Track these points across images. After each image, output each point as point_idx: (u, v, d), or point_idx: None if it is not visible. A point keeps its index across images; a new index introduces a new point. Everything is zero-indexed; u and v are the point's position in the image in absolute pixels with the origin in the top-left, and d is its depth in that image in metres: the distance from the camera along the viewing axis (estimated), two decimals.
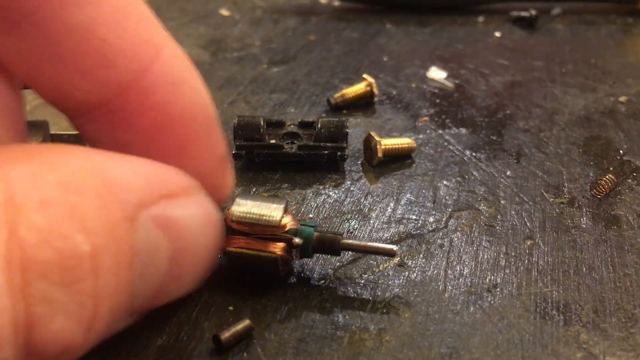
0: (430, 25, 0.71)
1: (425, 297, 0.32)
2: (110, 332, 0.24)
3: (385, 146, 0.43)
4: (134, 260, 0.22)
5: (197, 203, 0.26)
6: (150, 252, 0.23)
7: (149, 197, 0.23)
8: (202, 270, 0.27)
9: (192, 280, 0.27)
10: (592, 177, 0.43)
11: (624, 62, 0.62)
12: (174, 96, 0.28)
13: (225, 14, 0.74)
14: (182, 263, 0.25)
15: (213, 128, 0.30)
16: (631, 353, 0.29)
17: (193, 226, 0.25)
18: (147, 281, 0.23)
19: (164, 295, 0.26)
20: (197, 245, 0.26)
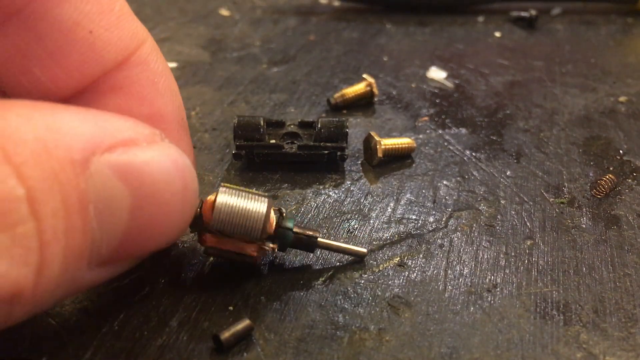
0: (430, 25, 0.71)
1: (425, 297, 0.32)
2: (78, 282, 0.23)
3: (385, 146, 0.43)
4: (87, 205, 0.21)
5: (161, 150, 0.25)
6: (107, 199, 0.22)
7: (101, 143, 0.22)
8: (175, 220, 0.26)
9: (165, 230, 0.26)
10: (592, 177, 0.43)
11: (624, 62, 0.62)
12: (152, 88, 0.28)
13: (225, 14, 0.74)
14: (148, 212, 0.24)
15: (183, 132, 0.30)
16: (631, 353, 0.29)
17: (156, 174, 0.24)
18: (109, 229, 0.23)
19: (134, 245, 0.25)
20: (163, 193, 0.25)
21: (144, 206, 0.24)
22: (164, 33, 0.67)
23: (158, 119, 0.28)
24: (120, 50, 0.27)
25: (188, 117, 0.50)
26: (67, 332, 0.30)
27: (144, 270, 0.34)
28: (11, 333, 0.29)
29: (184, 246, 0.36)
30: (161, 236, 0.26)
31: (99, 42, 0.26)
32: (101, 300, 0.32)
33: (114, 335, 0.30)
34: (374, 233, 0.37)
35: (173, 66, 0.59)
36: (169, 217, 0.26)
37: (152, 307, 0.31)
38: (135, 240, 0.25)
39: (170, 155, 0.25)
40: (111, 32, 0.26)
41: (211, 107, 0.52)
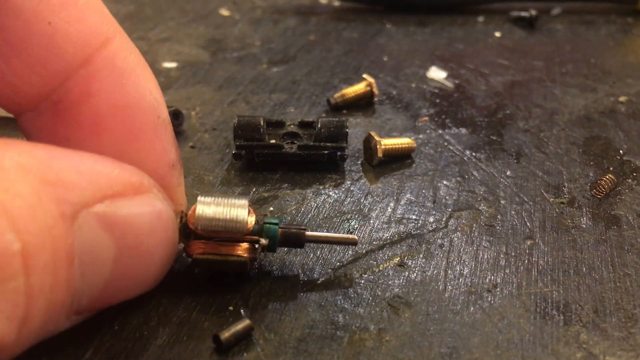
0: (430, 25, 0.71)
1: (425, 297, 0.32)
2: (54, 330, 0.23)
3: (385, 146, 0.43)
4: (73, 259, 0.21)
5: (146, 201, 0.25)
6: (92, 251, 0.22)
7: (92, 196, 0.22)
8: (155, 270, 0.26)
9: (145, 280, 0.26)
10: (592, 177, 0.43)
11: (624, 62, 0.62)
12: (120, 88, 0.27)
13: (225, 14, 0.74)
14: (130, 263, 0.24)
15: (161, 130, 0.29)
16: (631, 353, 0.29)
17: (140, 225, 0.24)
18: (91, 280, 0.23)
19: (113, 294, 0.25)
20: (146, 244, 0.25)
21: (126, 257, 0.24)
22: (164, 33, 0.67)
23: (131, 125, 0.28)
24: (82, 46, 0.26)
25: (188, 117, 0.50)
26: (67, 332, 0.30)
27: None
28: None
29: None
30: (140, 285, 0.26)
31: (59, 35, 0.25)
32: None
33: (114, 335, 0.30)
34: (374, 233, 0.37)
35: (173, 66, 0.59)
36: (150, 267, 0.26)
37: (152, 307, 0.31)
38: (115, 290, 0.25)
39: (155, 206, 0.25)
40: (71, 26, 0.25)
41: (211, 107, 0.52)
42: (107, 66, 0.27)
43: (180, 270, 0.34)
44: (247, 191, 0.41)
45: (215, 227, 0.29)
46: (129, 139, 0.28)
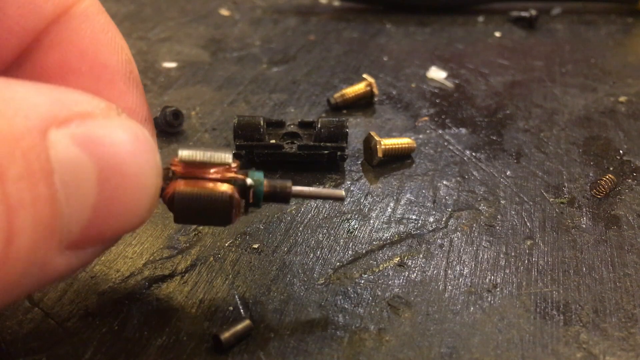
0: (430, 25, 0.71)
1: (425, 297, 0.32)
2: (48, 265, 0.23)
3: (385, 146, 0.43)
4: (53, 175, 0.21)
5: (119, 123, 0.24)
6: (72, 170, 0.22)
7: (58, 114, 0.22)
8: (143, 195, 0.25)
9: (135, 206, 0.25)
10: (592, 177, 0.43)
11: (624, 62, 0.62)
12: (92, 37, 0.27)
13: (225, 14, 0.74)
14: (115, 185, 0.23)
15: (133, 85, 0.29)
16: (631, 353, 0.29)
17: (118, 145, 0.23)
18: (78, 203, 0.22)
19: (104, 222, 0.24)
20: (128, 164, 0.24)
21: (110, 178, 0.23)
22: (164, 33, 0.67)
23: (101, 71, 0.27)
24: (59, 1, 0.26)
25: (188, 117, 0.50)
26: (67, 332, 0.30)
27: (143, 271, 0.34)
28: (11, 332, 0.30)
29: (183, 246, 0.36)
30: (130, 213, 0.25)
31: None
32: (101, 300, 0.32)
33: (114, 335, 0.30)
34: (374, 233, 0.37)
35: (173, 66, 0.59)
36: (137, 191, 0.25)
37: (152, 307, 0.31)
38: (105, 218, 0.24)
39: (130, 127, 0.24)
40: None
41: (211, 107, 0.52)
42: (79, 17, 0.27)
43: (179, 269, 0.34)
44: None
45: (198, 158, 0.27)
46: (98, 88, 0.28)
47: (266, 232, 0.37)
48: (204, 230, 0.37)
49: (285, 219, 0.38)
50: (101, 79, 0.28)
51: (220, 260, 0.35)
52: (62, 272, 0.24)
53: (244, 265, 0.34)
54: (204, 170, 0.27)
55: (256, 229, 0.37)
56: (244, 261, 0.35)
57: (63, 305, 0.31)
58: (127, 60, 0.29)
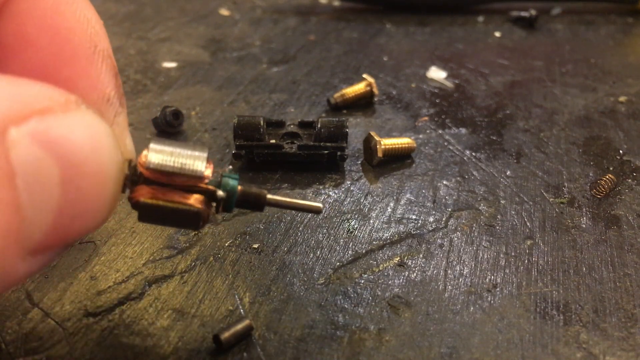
0: (430, 25, 0.71)
1: (425, 297, 0.32)
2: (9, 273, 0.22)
3: (385, 146, 0.43)
4: (13, 178, 0.20)
5: (79, 117, 0.23)
6: (35, 172, 0.21)
7: (17, 112, 0.21)
8: (107, 193, 0.24)
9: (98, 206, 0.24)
10: (592, 177, 0.43)
11: (624, 62, 0.62)
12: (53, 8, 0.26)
13: (225, 13, 0.74)
14: (78, 184, 0.22)
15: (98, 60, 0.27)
16: (631, 353, 0.29)
17: (80, 142, 0.22)
18: (40, 207, 0.21)
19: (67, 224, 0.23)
20: (90, 163, 0.23)
21: (73, 178, 0.22)
22: (164, 33, 0.67)
23: (62, 45, 0.26)
24: None
25: (188, 117, 0.50)
26: (67, 332, 0.30)
27: (143, 271, 0.34)
28: (11, 332, 0.30)
29: (182, 246, 0.36)
30: (93, 214, 0.24)
31: None
32: (101, 300, 0.32)
33: (114, 335, 0.30)
34: (374, 233, 0.37)
35: (173, 66, 0.59)
36: (100, 190, 0.23)
37: (153, 307, 0.31)
38: (67, 220, 0.23)
39: (90, 122, 0.23)
40: None
41: (211, 107, 0.52)
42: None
43: (179, 269, 0.34)
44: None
45: (168, 168, 0.25)
46: (58, 63, 0.26)
47: (266, 232, 0.37)
48: (204, 230, 0.37)
49: (285, 218, 0.38)
50: (62, 54, 0.26)
51: (220, 260, 0.35)
52: (22, 278, 0.23)
53: (244, 265, 0.34)
54: (172, 178, 0.26)
55: (256, 229, 0.37)
56: (244, 261, 0.35)
57: (63, 305, 0.31)
58: (93, 33, 0.27)
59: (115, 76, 0.28)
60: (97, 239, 0.36)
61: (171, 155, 0.25)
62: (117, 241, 0.36)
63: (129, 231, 0.37)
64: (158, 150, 0.25)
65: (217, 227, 0.37)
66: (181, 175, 0.25)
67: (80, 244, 0.35)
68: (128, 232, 0.36)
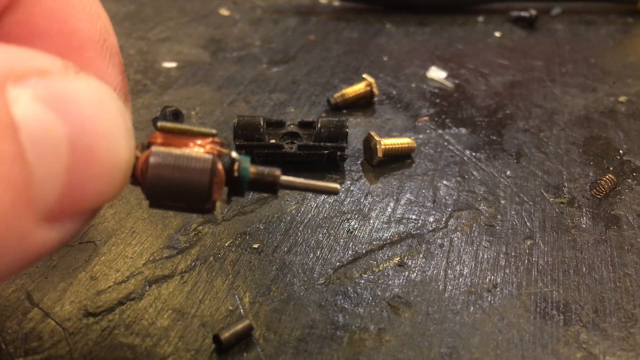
0: (430, 25, 0.71)
1: (425, 297, 0.32)
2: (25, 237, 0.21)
3: (385, 146, 0.43)
4: (16, 132, 0.20)
5: (80, 77, 0.22)
6: (41, 129, 0.20)
7: (14, 68, 0.20)
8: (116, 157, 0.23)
9: (110, 169, 0.23)
10: (592, 177, 0.43)
11: (624, 62, 0.62)
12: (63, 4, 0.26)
13: (225, 13, 0.74)
14: (87, 144, 0.22)
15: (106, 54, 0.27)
16: (631, 353, 0.29)
17: (85, 100, 0.22)
18: (50, 166, 0.21)
19: (81, 188, 0.22)
20: (99, 121, 0.22)
21: (81, 136, 0.21)
22: (164, 33, 0.67)
23: (70, 36, 0.26)
24: None
25: (188, 117, 0.50)
26: (67, 332, 0.30)
27: (143, 271, 0.34)
28: (11, 332, 0.30)
29: (182, 247, 0.36)
30: (105, 179, 0.23)
31: None
32: (101, 300, 0.32)
33: (114, 335, 0.30)
34: (374, 233, 0.37)
35: (173, 66, 0.59)
36: (110, 153, 0.22)
37: (153, 307, 0.31)
38: (80, 184, 0.22)
39: (91, 84, 0.22)
40: None
41: (211, 107, 0.52)
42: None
43: (179, 269, 0.34)
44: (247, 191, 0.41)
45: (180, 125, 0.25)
46: (66, 52, 0.26)
47: (266, 232, 0.37)
48: (204, 230, 0.37)
49: (285, 218, 0.38)
50: (69, 45, 0.26)
51: (220, 260, 0.35)
52: (42, 249, 0.22)
53: (244, 265, 0.34)
54: (185, 141, 0.24)
55: (256, 229, 0.37)
56: (244, 261, 0.35)
57: (63, 305, 0.31)
58: (102, 28, 0.27)
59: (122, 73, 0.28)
60: (97, 239, 0.36)
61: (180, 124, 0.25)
62: (117, 241, 0.36)
63: (129, 231, 0.37)
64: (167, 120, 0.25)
65: (217, 227, 0.37)
66: (193, 134, 0.24)
67: (80, 244, 0.35)
68: (128, 232, 0.36)
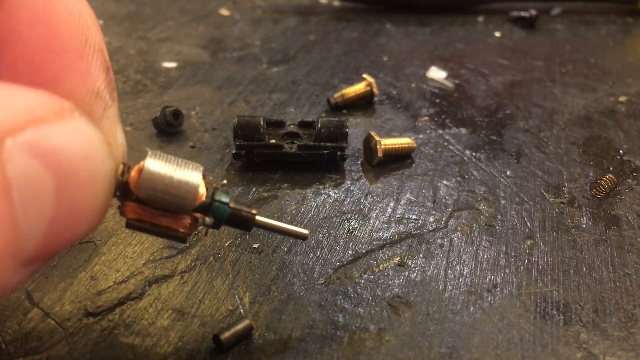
0: (430, 25, 0.71)
1: (425, 297, 0.32)
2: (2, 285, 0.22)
3: (385, 146, 0.43)
4: (10, 192, 0.20)
5: (73, 125, 0.23)
6: (30, 184, 0.21)
7: (13, 122, 0.21)
8: (99, 202, 0.24)
9: (89, 215, 0.24)
10: (592, 177, 0.43)
11: (624, 62, 0.62)
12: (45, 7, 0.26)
13: (225, 13, 0.74)
14: (71, 195, 0.22)
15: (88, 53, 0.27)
16: (631, 353, 0.29)
17: (74, 151, 0.22)
18: (35, 219, 0.21)
19: (60, 235, 0.23)
20: (84, 172, 0.23)
21: (67, 188, 0.22)
22: (164, 33, 0.67)
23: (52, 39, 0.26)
24: None
25: (188, 117, 0.50)
26: (67, 332, 0.30)
27: (143, 271, 0.34)
28: (11, 332, 0.30)
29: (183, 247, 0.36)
30: (86, 222, 0.24)
31: None
32: (101, 300, 0.32)
33: (114, 335, 0.30)
34: (374, 233, 0.37)
35: (173, 66, 0.59)
36: (93, 199, 0.23)
37: (153, 307, 0.31)
38: (61, 230, 0.23)
39: (82, 130, 0.23)
40: None
41: (211, 107, 0.52)
42: None
43: (179, 269, 0.34)
44: (247, 191, 0.41)
45: (159, 199, 0.26)
46: (48, 57, 0.26)
47: (266, 232, 0.37)
48: (204, 231, 0.37)
49: (285, 218, 0.38)
50: (52, 48, 0.26)
51: (220, 260, 0.35)
52: (13, 288, 0.23)
53: (244, 265, 0.34)
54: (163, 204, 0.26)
55: (256, 229, 0.37)
56: (244, 261, 0.35)
57: (63, 305, 0.31)
58: (85, 27, 0.27)
59: (107, 70, 0.28)
60: (97, 239, 0.36)
61: (163, 186, 0.25)
62: (117, 241, 0.36)
63: (129, 231, 0.37)
64: (152, 175, 0.25)
65: None
66: (172, 204, 0.26)
67: (80, 244, 0.35)
68: (128, 232, 0.36)
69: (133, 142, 0.46)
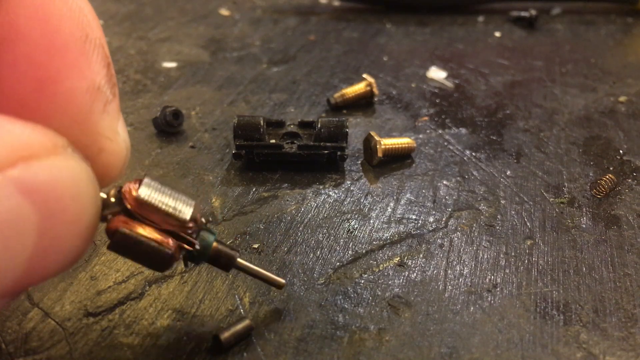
0: (430, 25, 0.71)
1: (425, 297, 0.32)
2: None
3: (385, 146, 0.43)
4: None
5: (64, 163, 0.23)
6: (13, 221, 0.21)
7: (4, 158, 0.21)
8: (81, 240, 0.24)
9: (70, 253, 0.24)
10: (592, 177, 0.43)
11: (624, 62, 0.62)
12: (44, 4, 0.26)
13: (225, 13, 0.74)
14: (54, 233, 0.22)
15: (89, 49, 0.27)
16: (631, 353, 0.29)
17: (61, 190, 0.22)
18: (15, 255, 0.21)
19: (38, 271, 0.23)
20: (70, 211, 0.23)
21: (51, 226, 0.22)
22: (164, 33, 0.67)
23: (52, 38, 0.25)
24: None
25: (188, 116, 0.50)
26: (67, 332, 0.30)
27: (143, 271, 0.34)
28: (11, 332, 0.30)
29: None
30: (67, 259, 0.24)
31: None
32: (101, 300, 0.32)
33: (114, 335, 0.30)
34: (374, 233, 0.37)
35: (173, 66, 0.59)
36: (75, 237, 0.23)
37: (153, 307, 0.31)
38: (40, 266, 0.23)
39: (73, 168, 0.23)
40: None
41: (211, 107, 0.52)
42: None
43: (179, 269, 0.34)
44: (247, 191, 0.41)
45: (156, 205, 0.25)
46: (48, 55, 0.26)
47: (266, 232, 0.37)
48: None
49: (285, 218, 0.38)
50: (52, 45, 0.26)
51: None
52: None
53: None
54: (155, 216, 0.26)
55: (256, 229, 0.37)
56: None
57: (63, 305, 0.31)
58: (85, 22, 0.27)
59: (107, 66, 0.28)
60: (97, 239, 0.36)
61: (162, 194, 0.26)
62: None
63: None
64: (150, 185, 0.26)
65: (217, 226, 0.37)
66: (166, 215, 0.26)
67: None
68: None
69: (133, 142, 0.46)
